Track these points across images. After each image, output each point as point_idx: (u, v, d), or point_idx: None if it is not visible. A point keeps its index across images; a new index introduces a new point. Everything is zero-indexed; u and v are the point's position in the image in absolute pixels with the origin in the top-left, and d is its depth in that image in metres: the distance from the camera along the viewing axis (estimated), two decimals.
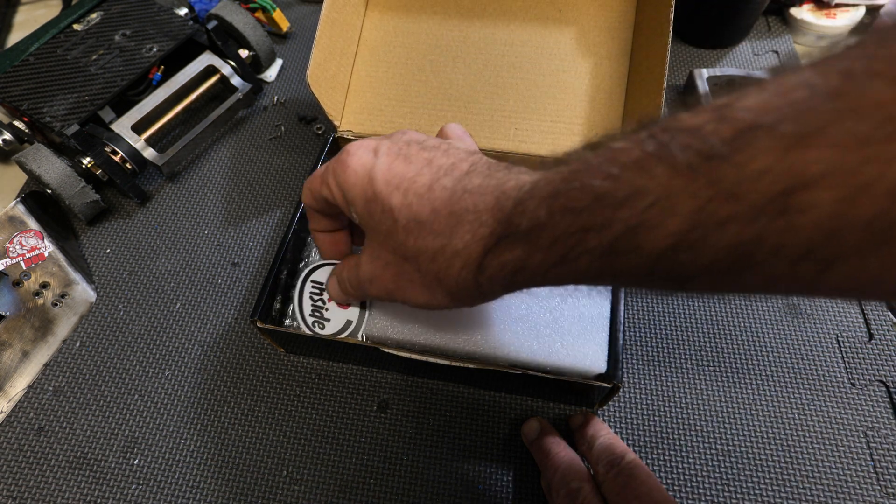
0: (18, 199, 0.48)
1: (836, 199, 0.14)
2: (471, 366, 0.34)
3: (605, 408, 0.38)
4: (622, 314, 0.35)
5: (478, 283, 0.24)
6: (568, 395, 0.38)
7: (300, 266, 0.40)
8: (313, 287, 0.38)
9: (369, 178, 0.26)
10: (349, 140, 0.46)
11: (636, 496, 0.29)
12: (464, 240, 0.24)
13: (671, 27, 0.38)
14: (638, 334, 0.41)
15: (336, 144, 0.46)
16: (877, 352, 0.39)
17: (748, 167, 0.15)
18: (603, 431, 0.35)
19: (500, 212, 0.23)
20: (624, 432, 0.37)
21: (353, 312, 0.37)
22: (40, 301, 0.44)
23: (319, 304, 0.38)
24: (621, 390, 0.39)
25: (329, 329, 0.37)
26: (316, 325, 0.37)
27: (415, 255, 0.25)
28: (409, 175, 0.25)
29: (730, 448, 0.36)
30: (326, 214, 0.32)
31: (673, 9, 0.38)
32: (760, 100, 0.16)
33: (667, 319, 0.41)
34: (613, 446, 0.33)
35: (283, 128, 0.54)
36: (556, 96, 0.45)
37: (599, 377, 0.33)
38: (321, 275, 0.39)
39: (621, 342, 0.34)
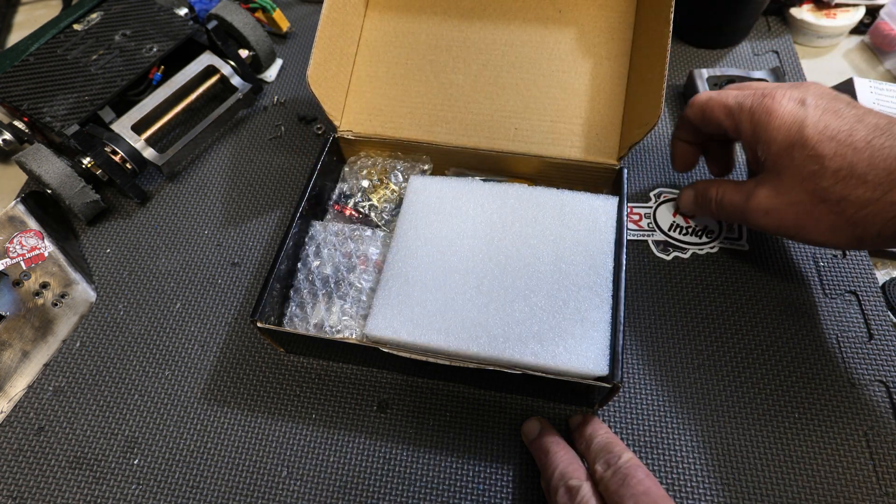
0: (18, 199, 0.48)
1: None
2: (471, 366, 0.34)
3: (605, 408, 0.38)
4: (622, 314, 0.35)
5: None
6: (568, 396, 0.38)
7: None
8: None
9: (799, 126, 0.28)
10: (349, 140, 0.46)
11: (633, 495, 0.29)
12: (893, 197, 0.25)
13: (671, 27, 0.38)
14: (638, 334, 0.41)
15: (336, 145, 0.46)
16: (877, 352, 0.39)
17: None
18: (601, 431, 0.35)
19: None
20: (624, 432, 0.37)
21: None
22: (40, 301, 0.44)
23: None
24: (621, 390, 0.39)
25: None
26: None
27: (839, 200, 0.27)
28: (843, 128, 0.27)
29: (730, 448, 0.36)
30: (698, 131, 0.36)
31: (673, 9, 0.38)
32: None
33: (667, 319, 0.41)
34: (611, 445, 0.33)
35: (283, 128, 0.54)
36: (556, 96, 0.45)
37: (600, 378, 0.33)
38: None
39: (621, 342, 0.34)
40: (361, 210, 0.45)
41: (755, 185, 0.32)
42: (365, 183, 0.45)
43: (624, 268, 0.37)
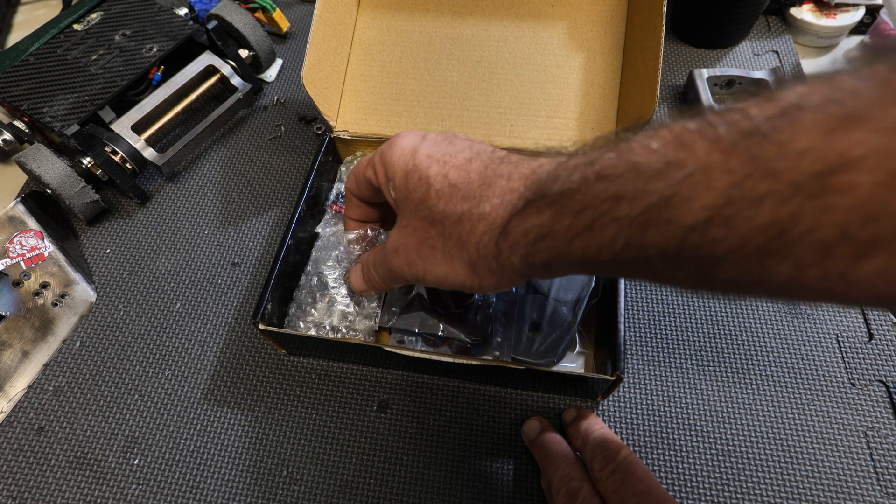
0: (18, 199, 0.48)
1: (877, 182, 0.14)
2: (474, 362, 0.34)
3: (605, 406, 0.38)
4: (622, 306, 0.35)
5: (498, 250, 0.24)
6: (570, 388, 0.38)
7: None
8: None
9: (412, 153, 0.28)
10: (346, 140, 0.46)
11: (634, 494, 0.29)
12: (491, 203, 0.24)
13: (664, 21, 0.38)
14: (638, 334, 0.41)
15: (332, 144, 0.46)
16: (877, 352, 0.39)
17: (789, 146, 0.15)
18: (596, 426, 0.34)
19: (532, 178, 0.23)
20: (624, 432, 0.37)
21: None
22: (40, 301, 0.44)
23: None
24: (622, 388, 0.39)
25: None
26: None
27: (442, 219, 0.26)
28: (449, 151, 0.27)
29: (730, 448, 0.36)
30: (364, 201, 0.34)
31: (666, 2, 0.38)
32: (808, 86, 0.16)
33: (667, 319, 0.41)
34: (608, 441, 0.33)
35: (282, 128, 0.54)
36: (550, 91, 0.45)
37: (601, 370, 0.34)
38: None
39: (623, 334, 0.34)
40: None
41: (391, 230, 0.31)
42: None
43: None
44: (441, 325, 0.39)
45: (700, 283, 0.19)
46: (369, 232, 0.37)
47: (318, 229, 0.43)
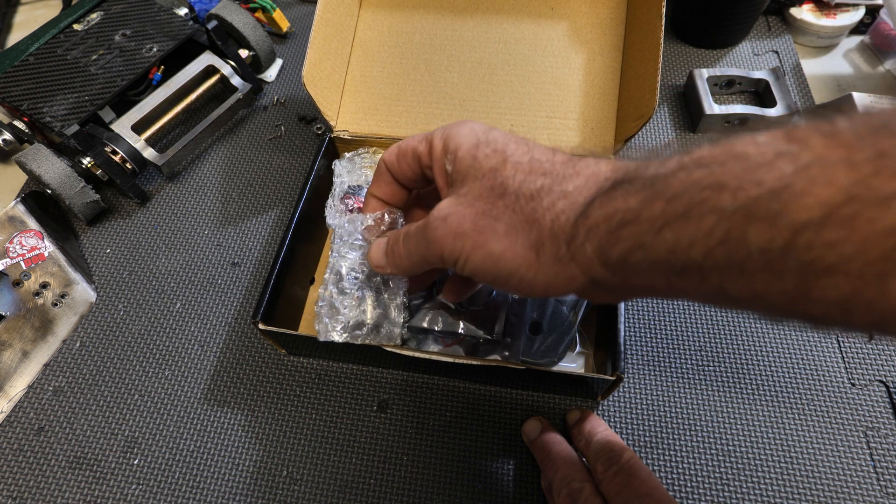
0: (18, 199, 0.48)
1: None
2: (474, 362, 0.34)
3: (605, 406, 0.38)
4: (622, 306, 0.35)
5: (574, 232, 0.22)
6: (570, 388, 0.38)
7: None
8: None
9: (485, 130, 0.27)
10: (346, 140, 0.46)
11: (637, 496, 0.29)
12: (575, 183, 0.23)
13: (664, 21, 0.38)
14: (638, 334, 0.41)
15: (332, 144, 0.46)
16: (877, 352, 0.39)
17: None
18: (600, 428, 0.34)
19: (621, 167, 0.22)
20: (624, 432, 0.37)
21: None
22: (40, 301, 0.44)
23: None
24: (622, 388, 0.39)
25: None
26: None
27: (515, 191, 0.24)
28: (525, 139, 0.26)
29: (730, 448, 0.36)
30: (398, 180, 0.32)
31: (665, 2, 0.38)
32: None
33: (667, 319, 0.41)
34: (611, 443, 0.33)
35: (283, 128, 0.54)
36: (550, 92, 0.45)
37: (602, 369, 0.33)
38: None
39: (623, 334, 0.34)
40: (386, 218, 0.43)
41: (440, 202, 0.28)
42: (370, 173, 0.45)
43: None
44: (461, 323, 0.38)
45: (798, 301, 0.17)
46: (387, 216, 0.34)
47: (331, 220, 0.41)
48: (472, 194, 0.26)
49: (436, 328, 0.38)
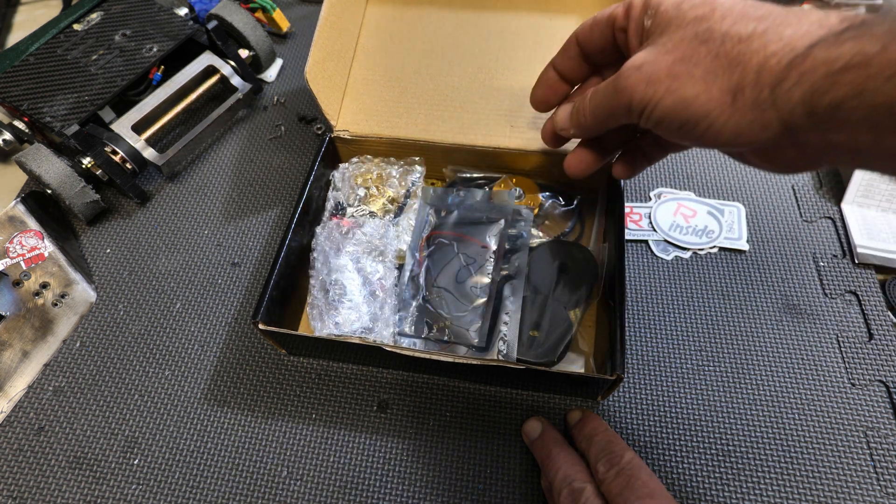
0: (18, 199, 0.48)
1: None
2: (474, 362, 0.34)
3: (605, 406, 0.38)
4: (622, 306, 0.35)
5: (783, 76, 0.21)
6: (570, 388, 0.38)
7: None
8: None
9: None
10: (346, 140, 0.46)
11: (639, 497, 0.29)
12: (795, 29, 0.22)
13: None
14: (638, 334, 0.41)
15: (332, 145, 0.46)
16: (877, 352, 0.39)
17: None
18: (601, 428, 0.34)
19: (853, 17, 0.21)
20: (624, 432, 0.37)
21: None
22: (40, 301, 0.44)
23: None
24: (622, 388, 0.39)
25: None
26: None
27: (721, 36, 0.23)
28: None
29: (730, 448, 0.36)
30: (584, 48, 0.31)
31: None
32: None
33: (667, 319, 0.41)
34: (612, 444, 0.32)
35: (283, 128, 0.54)
36: None
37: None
38: None
39: (623, 334, 0.34)
40: (362, 221, 0.44)
41: (637, 54, 0.28)
42: (361, 192, 0.45)
43: (624, 267, 0.37)
44: (447, 330, 0.39)
45: None
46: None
47: (320, 231, 0.42)
48: (672, 42, 0.25)
49: (422, 335, 0.39)
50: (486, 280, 0.40)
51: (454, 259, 0.41)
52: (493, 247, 0.41)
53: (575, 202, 0.45)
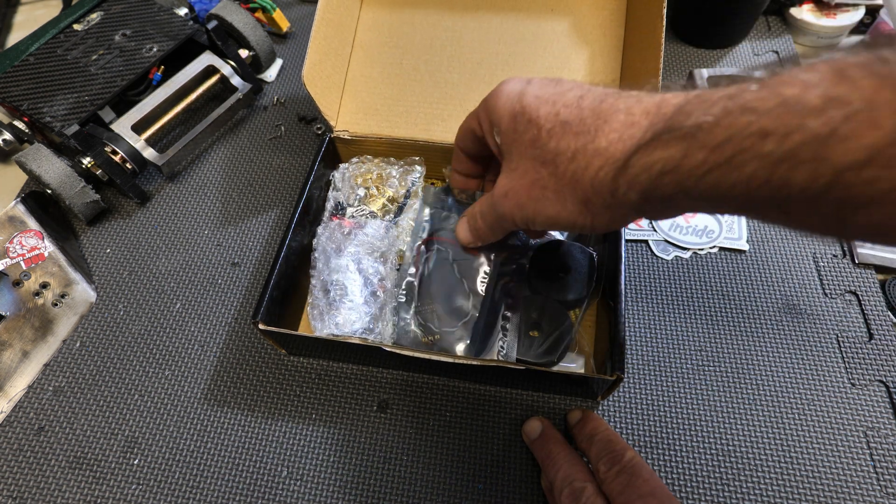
0: (18, 199, 0.48)
1: None
2: (474, 362, 0.34)
3: (605, 406, 0.38)
4: (622, 306, 0.35)
5: (615, 186, 0.24)
6: (570, 388, 0.38)
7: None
8: None
9: (519, 97, 0.28)
10: (346, 140, 0.46)
11: (640, 496, 0.29)
12: (609, 138, 0.24)
13: (664, 22, 0.38)
14: (638, 334, 0.41)
15: (332, 145, 0.46)
16: (877, 352, 0.39)
17: None
18: (602, 427, 0.34)
19: (659, 113, 0.23)
20: (624, 432, 0.37)
21: None
22: (40, 301, 0.44)
23: None
24: (622, 388, 0.39)
25: None
26: None
27: (554, 157, 0.26)
28: (557, 91, 0.27)
29: (730, 448, 0.36)
30: (469, 155, 0.36)
31: (666, 3, 0.38)
32: None
33: (667, 319, 0.41)
34: (613, 443, 0.33)
35: (283, 128, 0.54)
36: None
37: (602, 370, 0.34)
38: None
39: (623, 334, 0.34)
40: (363, 221, 0.44)
41: (498, 176, 0.32)
42: (361, 192, 0.45)
43: (624, 267, 0.37)
44: (434, 346, 0.39)
45: (833, 227, 0.18)
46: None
47: (320, 229, 0.43)
48: (520, 168, 0.29)
49: (412, 347, 0.39)
50: (480, 293, 0.40)
51: (449, 271, 0.41)
52: (492, 255, 0.41)
53: None
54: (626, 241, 0.45)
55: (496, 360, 0.37)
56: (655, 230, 0.45)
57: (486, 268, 0.41)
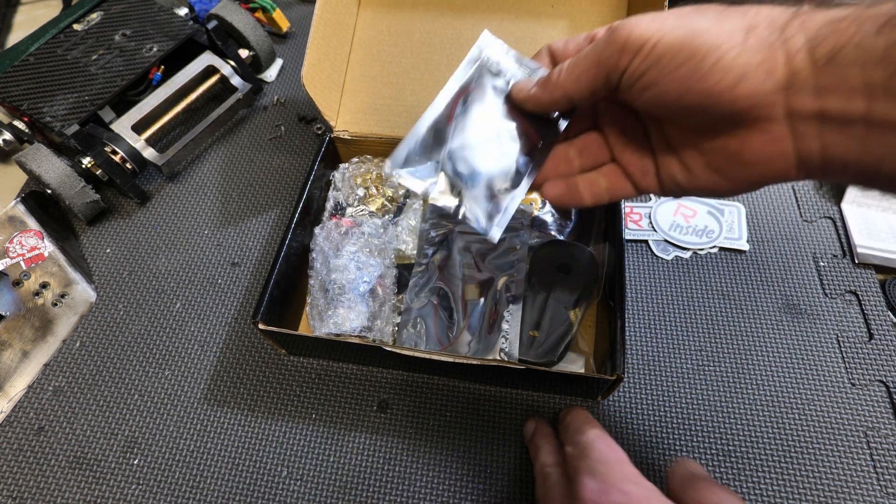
0: (18, 199, 0.48)
1: None
2: (474, 362, 0.34)
3: (605, 406, 0.38)
4: (622, 306, 0.35)
5: (788, 22, 0.22)
6: (570, 388, 0.38)
7: None
8: None
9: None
10: (346, 140, 0.46)
11: (589, 464, 0.29)
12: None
13: None
14: (638, 334, 0.41)
15: (332, 145, 0.46)
16: (877, 352, 0.39)
17: None
18: (580, 417, 0.34)
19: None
20: (624, 432, 0.37)
21: None
22: (40, 301, 0.44)
23: None
24: (622, 388, 0.39)
25: None
26: None
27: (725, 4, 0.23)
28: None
29: (730, 448, 0.36)
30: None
31: (665, 3, 0.38)
32: None
33: (667, 319, 0.41)
34: (583, 427, 0.32)
35: (283, 128, 0.54)
36: None
37: (602, 370, 0.34)
38: None
39: (623, 334, 0.34)
40: (361, 220, 0.44)
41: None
42: (360, 192, 0.45)
43: (624, 267, 0.37)
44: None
45: None
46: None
47: (318, 231, 0.42)
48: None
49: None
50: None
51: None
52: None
53: None
54: (627, 241, 0.45)
55: (496, 360, 0.37)
56: (655, 230, 0.45)
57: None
